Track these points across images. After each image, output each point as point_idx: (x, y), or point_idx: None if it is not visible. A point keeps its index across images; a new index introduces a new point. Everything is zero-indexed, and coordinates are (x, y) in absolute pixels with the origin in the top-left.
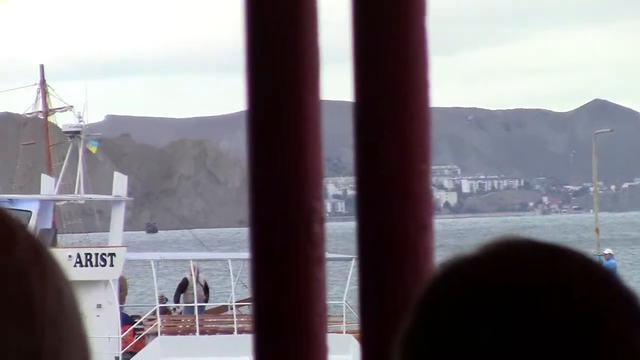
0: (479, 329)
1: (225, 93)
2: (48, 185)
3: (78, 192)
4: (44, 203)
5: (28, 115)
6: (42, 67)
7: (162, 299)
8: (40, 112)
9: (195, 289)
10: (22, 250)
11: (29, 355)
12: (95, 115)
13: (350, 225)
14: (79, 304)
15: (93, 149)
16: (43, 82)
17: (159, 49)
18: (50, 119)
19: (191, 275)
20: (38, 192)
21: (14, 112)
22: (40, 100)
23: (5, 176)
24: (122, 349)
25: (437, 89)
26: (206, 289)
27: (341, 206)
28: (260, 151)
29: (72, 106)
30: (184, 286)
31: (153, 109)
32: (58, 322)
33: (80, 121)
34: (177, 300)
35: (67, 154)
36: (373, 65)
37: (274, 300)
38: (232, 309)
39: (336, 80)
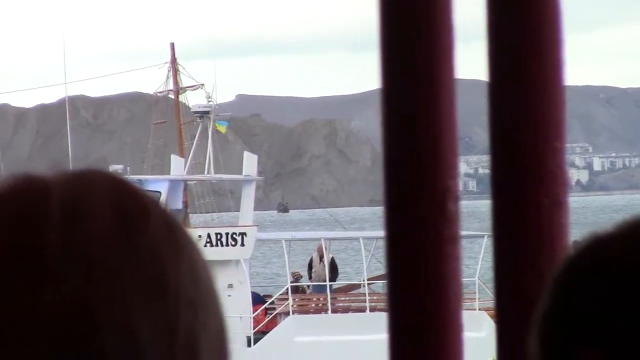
0: (615, 310)
1: (356, 72)
2: (177, 166)
3: (208, 172)
4: (173, 183)
5: (159, 94)
6: (172, 45)
7: (298, 277)
8: (171, 90)
9: (318, 267)
10: (155, 228)
11: (165, 335)
12: (226, 95)
13: (481, 204)
14: (214, 283)
15: (222, 129)
16: (174, 61)
17: (289, 29)
18: (181, 98)
19: (317, 254)
20: (168, 172)
21: (144, 91)
22: (171, 79)
23: (136, 156)
24: (254, 329)
25: (567, 67)
26: (333, 267)
27: (472, 185)
28: (394, 130)
29: (202, 84)
30: (310, 265)
31: (283, 89)
32: (194, 301)
33: (210, 101)
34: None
35: (197, 134)
36: (507, 43)
37: (408, 279)
38: (364, 287)
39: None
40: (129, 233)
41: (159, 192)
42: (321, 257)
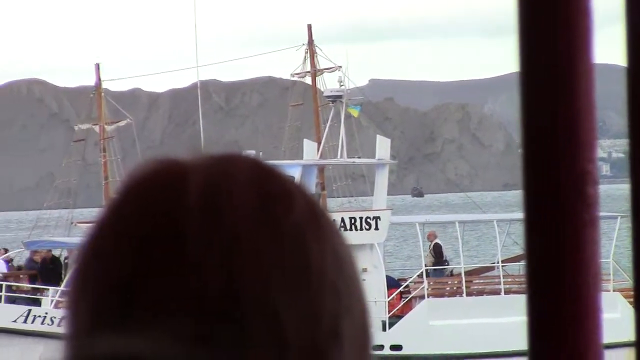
0: None
1: (490, 56)
2: (310, 150)
3: (341, 156)
4: (306, 167)
5: (295, 77)
6: (309, 27)
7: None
8: (308, 72)
9: (428, 253)
10: (299, 212)
11: (308, 320)
12: (359, 79)
13: (615, 188)
14: (356, 267)
15: (354, 113)
16: (311, 43)
17: (425, 13)
18: (316, 80)
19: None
20: (302, 156)
21: (277, 76)
22: (309, 61)
23: (268, 141)
24: (389, 313)
25: None
26: (437, 253)
27: (606, 169)
28: (532, 114)
29: (340, 66)
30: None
31: (417, 73)
32: (337, 285)
33: (342, 85)
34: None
35: (330, 118)
36: None
37: (547, 263)
38: (498, 269)
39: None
40: (272, 218)
41: (292, 177)
42: (431, 243)
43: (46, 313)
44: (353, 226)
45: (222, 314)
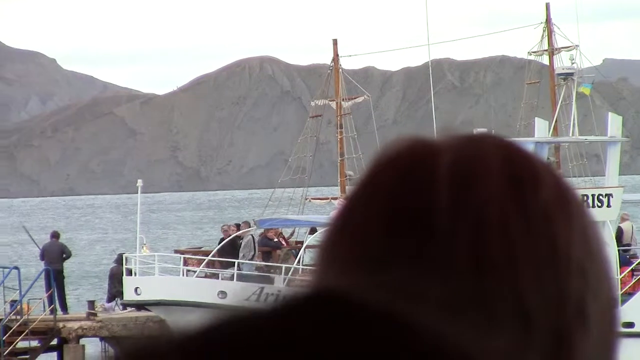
0: None
1: None
2: (542, 128)
3: (572, 134)
4: (538, 145)
5: (531, 56)
6: (547, 5)
7: None
8: (545, 51)
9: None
10: (548, 191)
11: (555, 299)
12: (593, 59)
13: None
14: (603, 246)
15: (586, 91)
16: (549, 21)
17: None
18: (548, 60)
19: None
20: (533, 135)
21: (510, 54)
22: (546, 40)
23: (501, 120)
24: (621, 290)
25: None
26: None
27: None
28: None
29: (577, 45)
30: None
31: None
32: (584, 267)
33: (573, 63)
34: None
35: (561, 96)
36: None
37: None
38: None
39: None
40: (521, 198)
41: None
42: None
43: (279, 291)
44: (585, 203)
45: (472, 296)
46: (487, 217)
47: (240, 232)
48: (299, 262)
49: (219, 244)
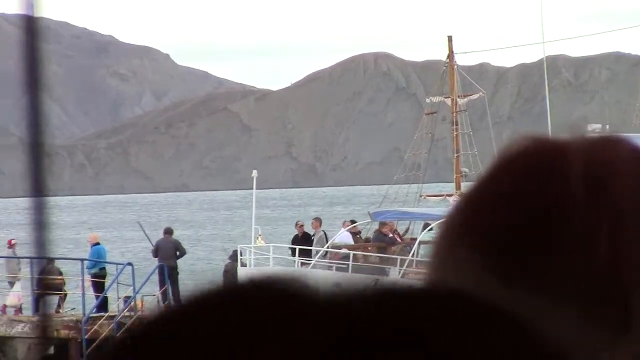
0: None
1: None
2: None
3: None
4: None
5: None
6: None
7: None
8: None
9: None
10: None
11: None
12: None
13: None
14: None
15: None
16: None
17: None
18: None
19: None
20: None
21: (625, 51)
22: None
23: (617, 116)
24: None
25: None
26: None
27: None
28: None
29: None
30: None
31: None
32: None
33: None
34: None
35: None
36: None
37: None
38: None
39: None
40: None
41: None
42: None
43: (394, 283)
44: None
45: (607, 295)
46: (624, 217)
47: (352, 225)
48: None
49: (292, 241)
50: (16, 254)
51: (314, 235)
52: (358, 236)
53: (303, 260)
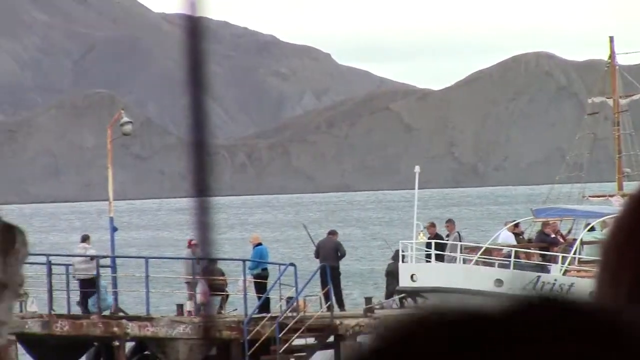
0: None
1: None
2: None
3: None
4: None
5: None
6: None
7: None
8: None
9: None
10: None
11: None
12: None
13: None
14: None
15: None
16: None
17: None
18: None
19: None
20: None
21: None
22: None
23: None
24: None
25: None
26: None
27: None
28: None
29: None
30: None
31: None
32: None
33: None
34: None
35: None
36: None
37: None
38: None
39: None
40: None
41: None
42: None
43: (555, 280)
44: None
45: None
46: None
47: (513, 223)
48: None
49: (426, 245)
50: (195, 255)
51: (447, 236)
52: (521, 237)
53: (465, 256)
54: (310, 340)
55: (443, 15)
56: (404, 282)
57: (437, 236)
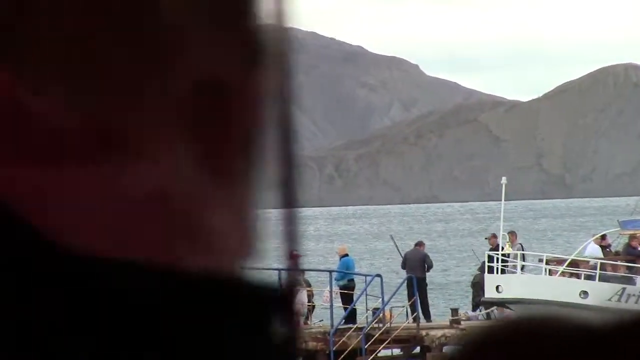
0: None
1: None
2: None
3: None
4: None
5: None
6: None
7: None
8: None
9: None
10: None
11: None
12: None
13: None
14: None
15: None
16: None
17: None
18: None
19: None
20: None
21: None
22: None
23: None
24: None
25: None
26: None
27: None
28: None
29: None
30: None
31: None
32: None
33: None
34: None
35: None
36: None
37: None
38: None
39: None
40: None
41: None
42: None
43: None
44: None
45: None
46: None
47: (600, 235)
48: None
49: (487, 260)
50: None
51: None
52: (608, 249)
53: (551, 268)
54: (396, 351)
55: (531, 27)
56: (489, 293)
57: (497, 248)
